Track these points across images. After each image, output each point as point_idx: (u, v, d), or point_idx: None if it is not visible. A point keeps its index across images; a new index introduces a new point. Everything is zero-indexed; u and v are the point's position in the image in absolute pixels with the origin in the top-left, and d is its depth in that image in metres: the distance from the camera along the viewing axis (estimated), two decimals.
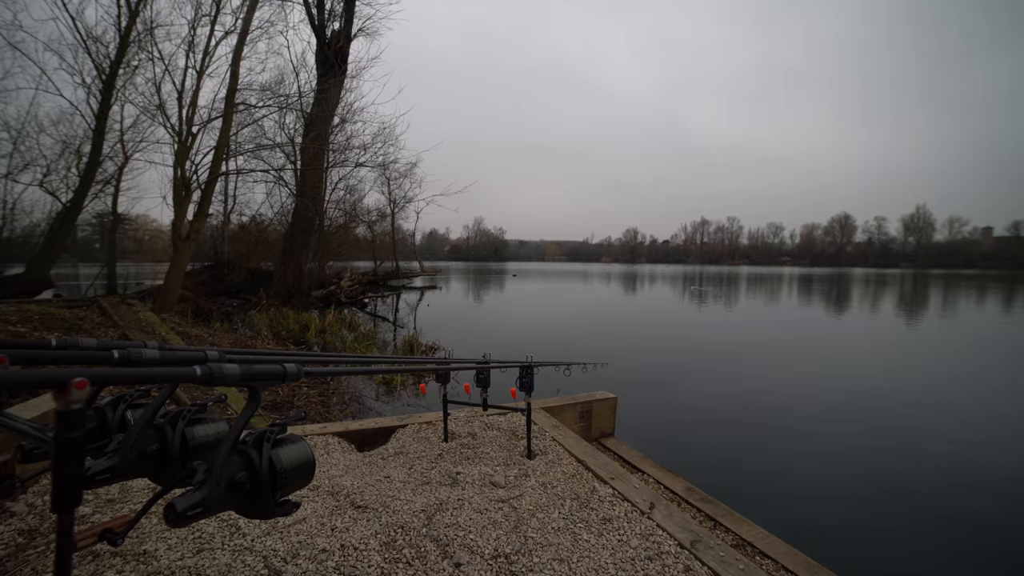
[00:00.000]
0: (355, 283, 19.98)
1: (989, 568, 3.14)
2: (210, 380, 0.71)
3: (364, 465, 2.86)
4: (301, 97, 13.30)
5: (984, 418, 6.12)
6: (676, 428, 5.57)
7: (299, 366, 0.91)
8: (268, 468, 0.79)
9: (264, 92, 11.26)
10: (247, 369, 0.78)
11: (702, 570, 1.92)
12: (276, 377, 0.84)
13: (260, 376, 0.80)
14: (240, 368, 0.77)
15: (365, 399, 6.23)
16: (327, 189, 17.55)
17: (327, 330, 10.48)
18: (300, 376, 0.91)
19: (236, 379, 0.76)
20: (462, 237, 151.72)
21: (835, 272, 73.74)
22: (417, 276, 34.60)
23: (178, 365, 0.79)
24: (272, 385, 0.85)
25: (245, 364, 0.80)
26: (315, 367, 1.15)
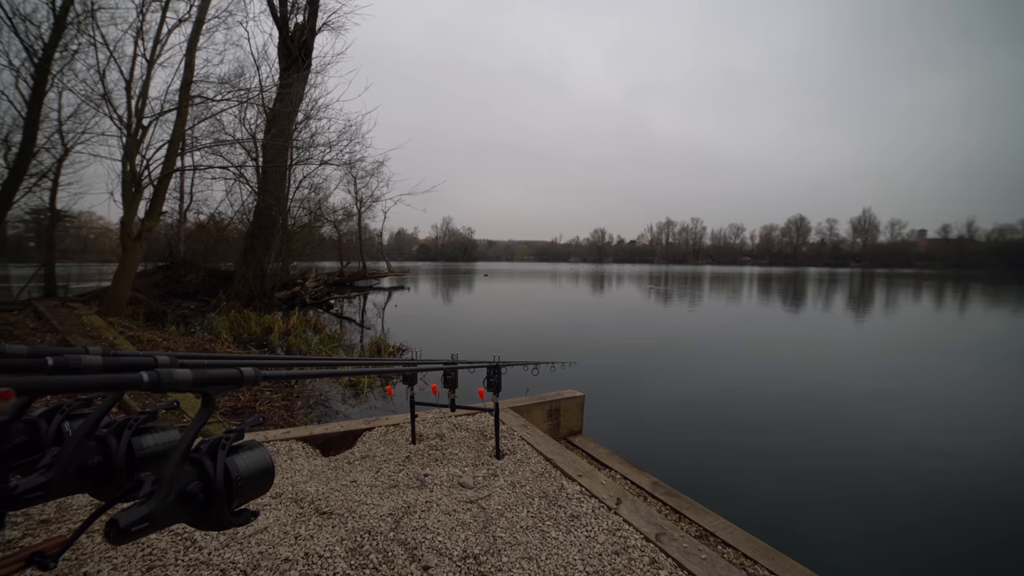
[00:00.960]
0: (320, 284, 19.47)
1: (937, 544, 3.36)
2: (159, 386, 0.67)
3: (329, 470, 2.80)
4: (263, 91, 12.81)
5: (927, 406, 6.55)
6: (642, 425, 5.70)
7: (257, 370, 0.88)
8: (223, 476, 0.75)
9: (223, 85, 10.73)
10: (200, 374, 0.74)
11: (667, 561, 1.98)
12: (232, 381, 0.81)
13: (214, 381, 0.77)
14: (192, 373, 0.73)
15: (331, 402, 6.08)
16: (291, 187, 17.01)
17: (291, 332, 10.16)
18: (258, 380, 0.87)
19: (188, 384, 0.72)
20: (430, 237, 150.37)
21: (792, 271, 77.34)
22: (385, 276, 34.02)
23: (123, 371, 0.74)
24: (228, 390, 0.81)
25: (198, 369, 0.76)
26: (276, 370, 1.11)
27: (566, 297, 25.92)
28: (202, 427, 0.75)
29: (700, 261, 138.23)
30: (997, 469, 4.58)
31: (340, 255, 29.05)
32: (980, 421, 6.00)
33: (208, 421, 0.77)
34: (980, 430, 5.65)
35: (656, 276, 53.56)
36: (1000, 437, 5.44)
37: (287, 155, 15.03)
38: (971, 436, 5.44)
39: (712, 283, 40.25)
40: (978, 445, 5.17)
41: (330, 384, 6.72)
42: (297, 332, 10.26)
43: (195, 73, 9.89)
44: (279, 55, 14.61)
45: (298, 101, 14.64)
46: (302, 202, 19.36)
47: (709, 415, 6.03)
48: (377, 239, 36.69)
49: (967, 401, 6.89)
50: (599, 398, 6.26)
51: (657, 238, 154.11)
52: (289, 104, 13.72)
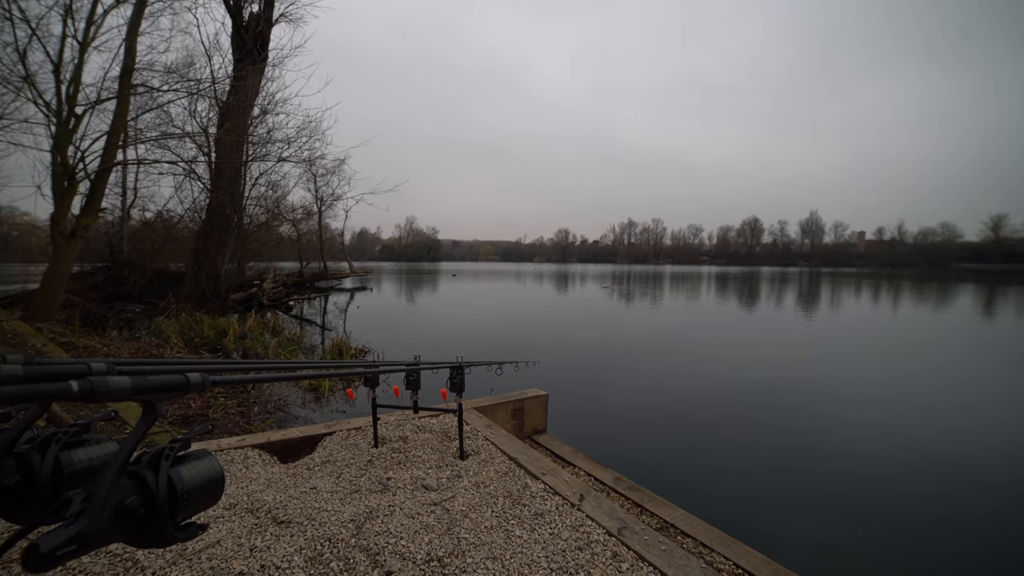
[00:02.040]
0: (279, 285, 18.75)
1: (880, 526, 3.60)
2: (92, 396, 0.62)
3: (288, 477, 2.70)
4: (215, 83, 12.17)
5: (875, 400, 7.01)
6: (606, 422, 5.82)
7: (205, 375, 0.83)
8: (167, 489, 0.71)
9: (170, 74, 10.06)
10: (140, 381, 0.70)
11: (628, 554, 2.03)
12: (177, 388, 0.76)
13: (157, 388, 0.72)
14: (132, 380, 0.68)
15: (291, 407, 5.88)
16: (246, 184, 16.28)
17: (247, 335, 9.73)
18: (207, 385, 0.83)
19: (126, 393, 0.67)
20: (394, 237, 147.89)
21: (747, 271, 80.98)
22: (346, 277, 33.18)
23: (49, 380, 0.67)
24: (172, 397, 0.76)
25: (139, 375, 0.71)
26: (230, 374, 1.06)
27: (530, 297, 26.10)
28: (143, 437, 0.71)
29: (661, 261, 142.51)
30: (941, 454, 4.94)
31: (300, 255, 28.09)
32: (923, 411, 6.46)
33: (152, 431, 0.73)
34: (923, 419, 6.09)
35: (617, 275, 54.75)
36: (940, 425, 5.89)
37: (242, 151, 14.37)
38: (915, 424, 5.85)
39: (671, 283, 41.54)
40: (922, 432, 5.57)
41: (289, 388, 6.49)
42: (254, 335, 9.85)
43: (138, 60, 9.24)
44: (232, 46, 13.96)
45: (254, 95, 14.03)
46: (259, 200, 18.58)
47: (670, 412, 6.22)
48: (338, 239, 35.78)
49: (911, 391, 7.41)
50: (563, 397, 6.34)
51: (619, 238, 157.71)
52: (244, 98, 13.13)
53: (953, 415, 6.26)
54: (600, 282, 38.42)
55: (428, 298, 24.76)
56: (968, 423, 5.94)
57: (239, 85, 12.69)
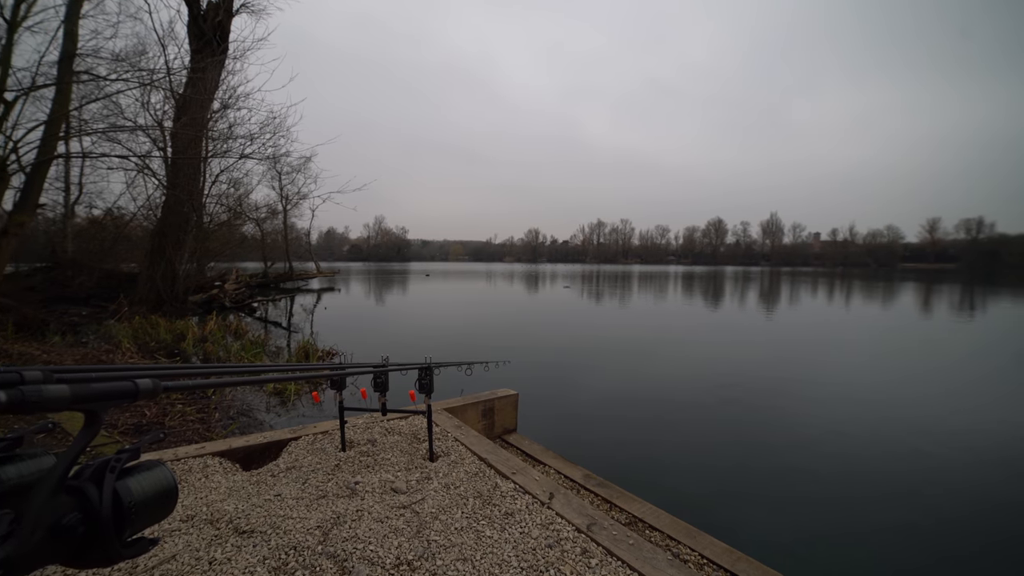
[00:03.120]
0: (242, 286, 18.07)
1: (835, 511, 3.79)
2: (23, 407, 0.57)
3: (251, 485, 2.61)
4: (171, 74, 11.57)
5: (837, 394, 7.36)
6: (575, 420, 5.89)
7: (157, 380, 0.79)
8: (112, 504, 0.66)
9: (119, 62, 9.43)
10: (81, 389, 0.65)
11: (597, 550, 2.06)
12: (124, 396, 0.72)
13: (100, 396, 0.67)
14: (71, 388, 0.64)
15: (255, 412, 5.68)
16: (206, 182, 15.60)
17: (208, 339, 9.33)
18: (158, 392, 0.79)
19: (64, 402, 0.62)
20: (362, 236, 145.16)
21: (712, 270, 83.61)
22: (313, 277, 32.35)
23: None
24: (119, 405, 0.72)
25: (80, 383, 0.67)
26: (187, 379, 1.02)
27: (501, 297, 26.13)
28: (84, 450, 0.67)
29: (629, 261, 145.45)
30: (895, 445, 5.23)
31: (264, 255, 27.20)
32: (880, 405, 6.83)
33: (102, 442, 0.68)
34: (881, 414, 6.43)
35: (586, 275, 55.49)
36: (895, 418, 6.24)
37: (201, 146, 13.75)
38: (871, 418, 6.18)
39: (640, 282, 42.43)
40: (879, 426, 5.89)
41: (253, 393, 6.27)
42: (215, 338, 9.45)
43: (80, 45, 8.63)
44: (189, 35, 13.32)
45: (213, 88, 13.44)
46: (220, 198, 17.85)
47: (638, 409, 6.35)
48: (305, 238, 34.79)
49: (869, 386, 7.82)
50: (533, 396, 6.37)
51: (589, 239, 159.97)
52: (203, 91, 12.55)
53: (908, 407, 6.63)
54: (562, 282, 38.72)
55: (398, 299, 24.41)
56: (921, 412, 6.31)
57: (197, 77, 12.12)
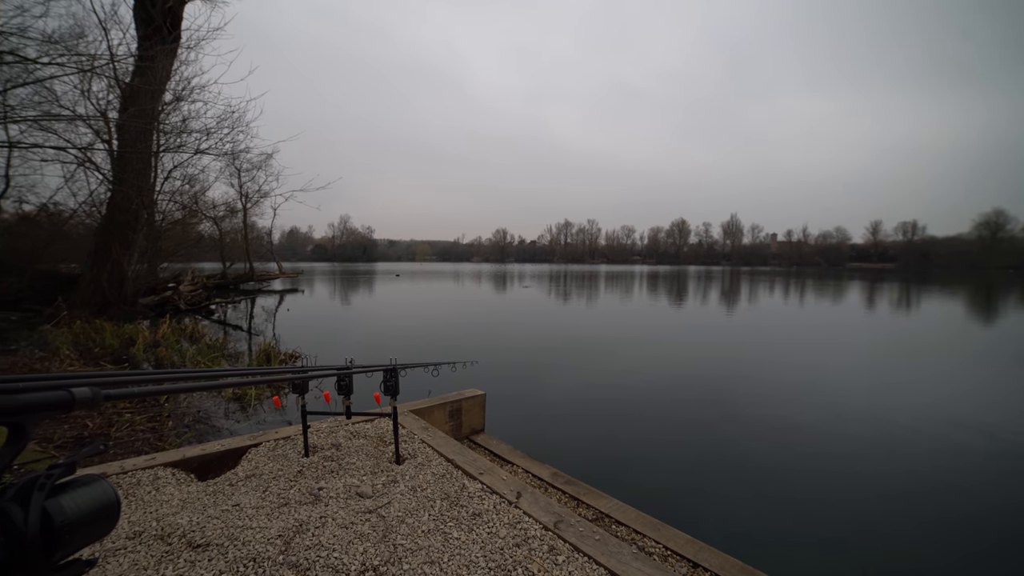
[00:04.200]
0: (198, 287, 17.25)
1: (795, 503, 3.97)
2: None
3: (207, 496, 2.50)
4: (115, 61, 10.84)
5: (786, 386, 7.72)
6: (543, 419, 5.93)
7: (97, 389, 0.74)
8: (40, 524, 0.61)
9: (52, 44, 8.67)
10: (2, 400, 0.60)
11: (564, 547, 2.09)
12: (57, 406, 0.66)
13: (26, 408, 0.62)
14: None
15: (213, 419, 5.44)
16: (158, 177, 14.79)
17: (161, 343, 8.86)
18: (99, 401, 0.73)
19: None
20: (327, 236, 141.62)
21: (676, 269, 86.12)
22: (275, 278, 31.29)
23: None
24: (49, 416, 0.66)
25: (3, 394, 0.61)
26: (137, 386, 0.96)
27: (469, 296, 26.04)
28: (8, 467, 0.62)
29: (596, 260, 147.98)
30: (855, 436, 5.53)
31: (222, 255, 26.09)
32: (834, 396, 7.21)
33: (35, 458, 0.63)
34: (834, 402, 6.79)
35: (556, 275, 56.07)
36: (854, 408, 6.60)
37: (151, 140, 13.01)
38: (831, 410, 6.51)
39: (606, 282, 43.21)
40: (830, 414, 6.22)
41: (212, 400, 6.01)
42: (168, 342, 8.98)
43: (1, 22, 7.91)
44: (136, 20, 12.51)
45: (165, 78, 12.72)
46: (173, 195, 16.95)
47: (604, 407, 6.46)
48: (266, 238, 33.59)
49: (825, 379, 8.24)
50: (501, 396, 6.39)
51: (556, 239, 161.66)
52: (153, 80, 11.85)
53: (863, 397, 7.01)
54: (521, 282, 38.89)
55: (364, 299, 23.89)
56: (875, 403, 6.70)
57: (146, 66, 11.40)
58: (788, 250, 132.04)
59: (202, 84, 13.58)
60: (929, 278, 54.53)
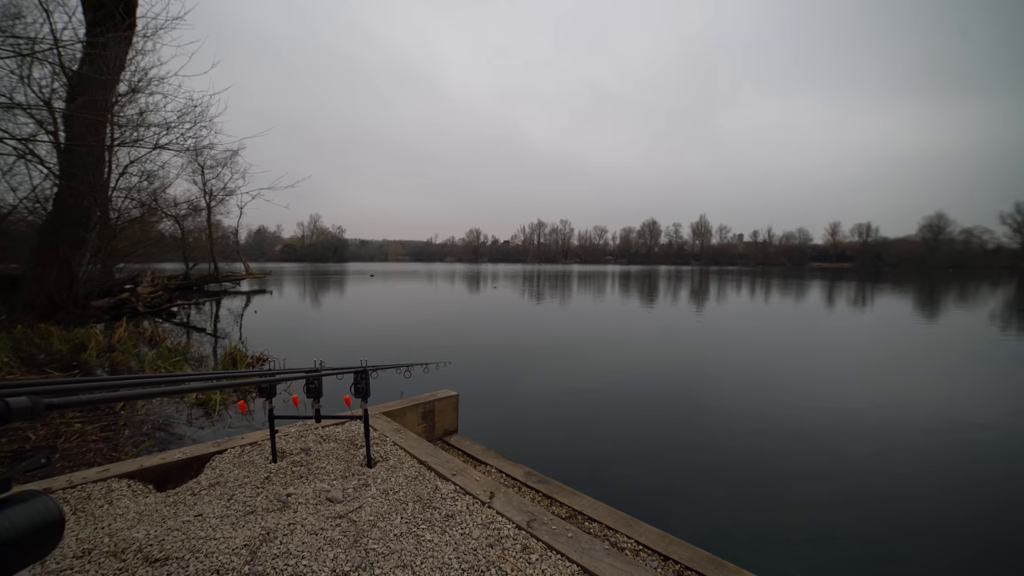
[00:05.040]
0: (159, 289, 16.52)
1: (760, 495, 4.11)
2: None
3: (166, 507, 2.39)
4: (59, 46, 10.15)
5: (752, 381, 7.98)
6: (516, 418, 5.95)
7: (37, 398, 0.70)
8: None
9: None
10: None
11: (537, 545, 2.10)
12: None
13: None
14: None
15: (174, 426, 5.21)
16: (112, 173, 14.04)
17: (117, 348, 8.41)
18: (40, 410, 0.69)
19: None
20: (296, 236, 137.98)
21: (647, 269, 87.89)
22: (242, 279, 30.31)
23: None
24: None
25: None
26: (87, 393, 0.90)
27: (442, 297, 25.86)
28: None
29: (569, 260, 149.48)
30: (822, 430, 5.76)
31: (185, 255, 25.08)
32: (800, 392, 7.50)
33: None
34: (800, 398, 7.06)
35: (529, 275, 56.32)
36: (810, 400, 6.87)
37: (104, 133, 12.32)
38: (790, 402, 6.76)
39: (579, 281, 43.68)
40: (797, 409, 6.46)
41: (174, 406, 5.77)
42: (125, 347, 8.54)
43: None
44: (83, 4, 11.79)
45: (119, 67, 12.03)
46: (130, 192, 16.12)
47: (577, 405, 6.52)
48: (232, 237, 32.51)
49: (793, 374, 8.56)
50: (474, 396, 6.38)
51: (530, 239, 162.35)
52: (104, 69, 11.17)
53: (827, 394, 7.31)
54: (491, 283, 38.87)
55: (334, 300, 23.37)
56: (840, 398, 7.00)
57: (96, 53, 10.74)
58: (754, 250, 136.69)
59: (161, 76, 12.89)
60: (882, 277, 57.48)
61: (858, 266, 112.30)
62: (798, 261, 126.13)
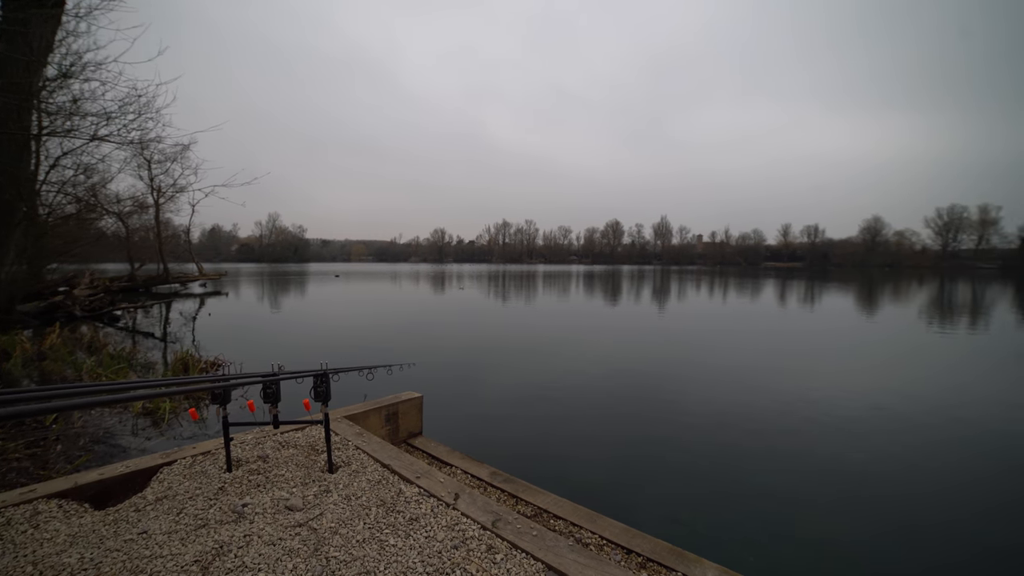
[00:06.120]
0: (99, 291, 15.45)
1: (720, 487, 4.26)
2: None
3: (105, 527, 2.22)
4: None
5: (713, 377, 8.28)
6: (481, 419, 5.94)
7: None
8: None
9: None
10: None
11: (502, 545, 2.10)
12: None
13: None
14: None
15: (117, 438, 4.88)
16: (41, 165, 12.96)
17: (48, 355, 7.79)
18: None
19: None
20: (254, 235, 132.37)
21: (610, 269, 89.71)
22: (195, 280, 28.83)
23: None
24: None
25: None
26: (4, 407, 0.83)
27: (406, 297, 25.50)
28: None
29: (534, 260, 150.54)
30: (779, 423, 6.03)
31: (130, 255, 23.58)
32: (753, 388, 7.82)
33: None
34: (755, 393, 7.36)
35: (495, 275, 56.36)
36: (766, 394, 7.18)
37: (29, 120, 11.32)
38: (758, 397, 7.05)
39: (544, 281, 44.08)
40: (751, 403, 6.74)
41: (116, 416, 5.41)
42: (59, 354, 7.93)
43: None
44: None
45: (45, 49, 11.03)
46: (63, 186, 14.95)
47: (541, 404, 6.57)
48: (183, 236, 30.81)
49: (751, 369, 8.93)
50: (439, 397, 6.33)
51: (495, 239, 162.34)
52: (26, 49, 10.20)
53: (783, 390, 7.68)
54: (458, 284, 38.71)
55: (295, 302, 22.58)
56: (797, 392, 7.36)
57: (15, 31, 9.80)
58: (713, 250, 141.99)
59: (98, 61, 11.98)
60: (828, 276, 61.04)
61: (808, 265, 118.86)
62: (753, 261, 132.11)
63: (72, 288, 14.37)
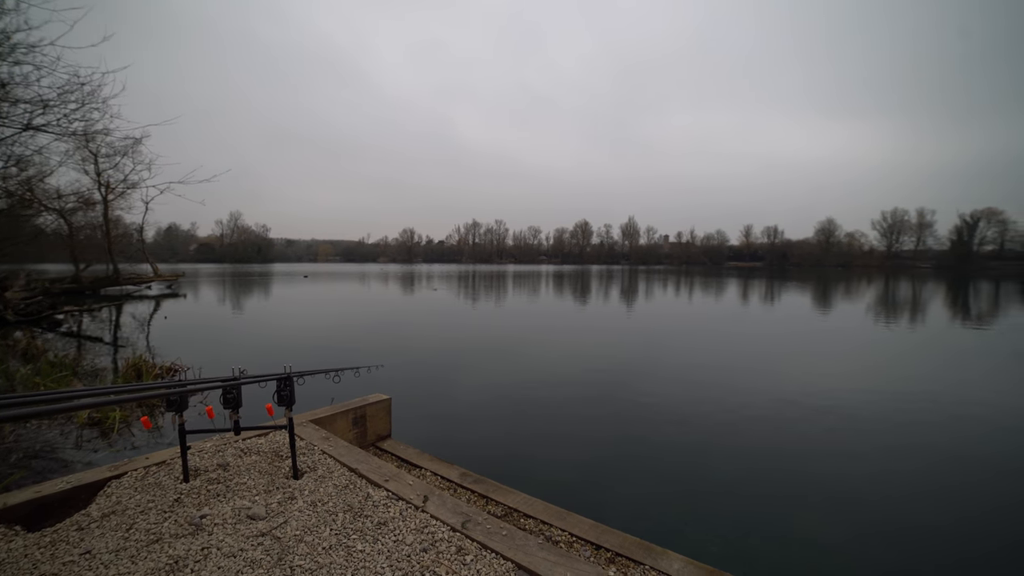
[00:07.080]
0: (37, 293, 14.42)
1: (687, 482, 4.38)
2: None
3: (40, 549, 2.06)
4: None
5: (682, 374, 8.50)
6: (450, 420, 5.90)
7: None
8: None
9: None
10: None
11: (472, 546, 2.09)
12: None
13: None
14: None
15: (57, 452, 4.57)
16: None
17: None
18: None
19: None
20: (215, 235, 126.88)
21: (579, 269, 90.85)
22: (150, 281, 27.39)
23: None
24: None
25: None
26: None
27: (375, 297, 25.05)
28: None
29: (504, 260, 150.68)
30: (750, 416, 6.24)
31: (74, 254, 22.15)
32: (719, 385, 8.08)
33: None
34: (720, 388, 7.60)
35: (464, 275, 56.14)
36: (731, 390, 7.42)
37: None
38: (726, 392, 7.27)
39: (514, 281, 44.21)
40: (717, 397, 6.96)
41: (57, 428, 5.07)
42: None
43: None
44: None
45: None
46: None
47: (511, 405, 6.58)
48: (136, 235, 29.16)
49: (717, 371, 9.20)
50: (408, 399, 6.25)
51: (465, 239, 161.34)
52: None
53: (749, 387, 7.96)
54: (430, 285, 38.41)
55: (258, 303, 21.78)
56: (762, 390, 7.64)
57: None
58: (679, 250, 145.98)
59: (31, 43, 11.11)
60: (787, 275, 63.90)
61: (768, 265, 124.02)
62: (717, 260, 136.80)
63: (4, 290, 13.37)
